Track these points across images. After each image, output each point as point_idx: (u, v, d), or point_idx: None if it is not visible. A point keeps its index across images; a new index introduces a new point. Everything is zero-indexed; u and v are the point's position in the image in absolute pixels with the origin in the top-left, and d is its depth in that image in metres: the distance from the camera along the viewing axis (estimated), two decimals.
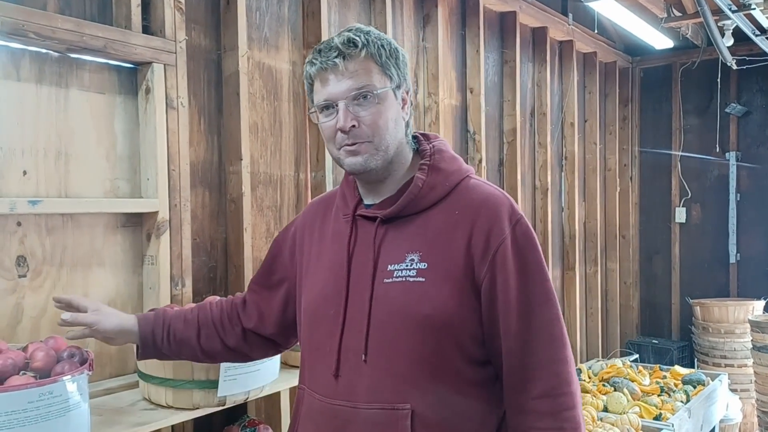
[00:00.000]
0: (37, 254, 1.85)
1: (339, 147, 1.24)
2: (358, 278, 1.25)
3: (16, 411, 1.33)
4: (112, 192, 2.03)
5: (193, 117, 2.27)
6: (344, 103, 1.21)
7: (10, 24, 1.70)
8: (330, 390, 1.25)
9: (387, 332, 1.20)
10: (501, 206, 1.23)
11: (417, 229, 1.24)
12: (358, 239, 1.28)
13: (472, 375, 1.22)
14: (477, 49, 3.67)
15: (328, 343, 1.26)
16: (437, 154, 1.30)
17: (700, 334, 4.98)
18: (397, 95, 1.26)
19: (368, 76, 1.22)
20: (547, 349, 1.20)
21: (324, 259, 1.33)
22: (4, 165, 1.78)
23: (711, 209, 5.41)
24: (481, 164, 3.68)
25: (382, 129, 1.22)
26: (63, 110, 1.91)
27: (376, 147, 1.23)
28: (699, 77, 5.35)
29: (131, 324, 1.43)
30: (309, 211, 1.45)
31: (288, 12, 2.65)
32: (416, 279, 1.20)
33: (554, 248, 4.49)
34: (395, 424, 1.18)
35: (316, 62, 1.23)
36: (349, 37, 1.22)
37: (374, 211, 1.27)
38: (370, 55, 1.22)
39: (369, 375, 1.20)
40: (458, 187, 1.27)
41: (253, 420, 2.19)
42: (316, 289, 1.32)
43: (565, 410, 1.19)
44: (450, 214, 1.24)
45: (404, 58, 1.29)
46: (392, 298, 1.21)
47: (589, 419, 3.00)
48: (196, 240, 2.26)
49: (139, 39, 2.01)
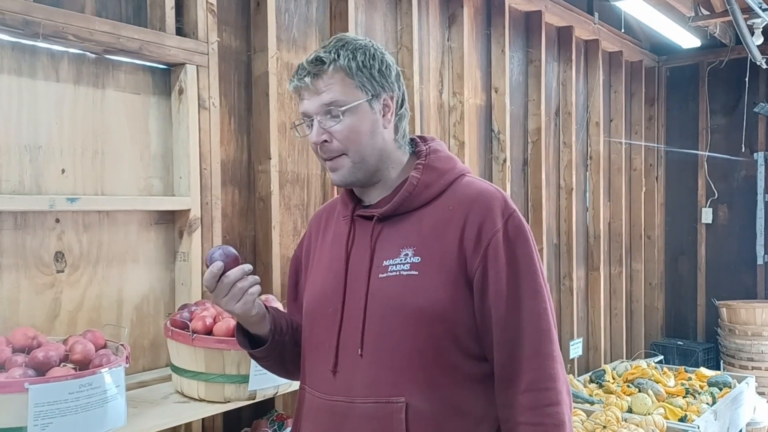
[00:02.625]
0: (75, 250, 1.91)
1: (323, 160, 1.29)
2: (355, 275, 1.27)
3: (57, 401, 1.38)
4: (146, 190, 2.08)
5: (224, 117, 2.31)
6: (318, 119, 1.24)
7: (50, 26, 1.75)
8: (328, 387, 1.26)
9: (382, 326, 1.22)
10: (494, 200, 1.25)
11: (412, 225, 1.26)
12: (356, 238, 1.30)
13: (469, 370, 1.22)
14: (502, 49, 3.68)
15: (326, 341, 1.28)
16: (432, 154, 1.32)
17: (726, 336, 4.92)
18: (374, 105, 1.26)
19: (336, 92, 1.23)
20: (533, 342, 1.20)
21: (324, 261, 1.36)
22: (43, 163, 1.84)
23: (738, 210, 5.34)
24: (506, 164, 3.68)
25: (355, 142, 1.24)
26: (99, 110, 1.97)
27: (352, 160, 1.25)
28: (726, 76, 5.29)
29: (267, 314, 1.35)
30: (314, 220, 1.48)
31: (316, 13, 2.68)
32: (410, 272, 1.21)
33: (578, 248, 4.47)
34: (390, 417, 1.19)
35: (293, 80, 1.28)
36: (317, 55, 1.24)
37: (371, 210, 1.30)
38: (339, 69, 1.23)
39: (365, 369, 1.22)
40: (453, 185, 1.29)
41: (281, 414, 2.22)
42: (315, 289, 1.35)
43: (548, 405, 1.18)
44: (444, 210, 1.25)
45: (384, 65, 1.27)
46: (387, 292, 1.22)
47: (614, 420, 2.99)
48: (226, 237, 2.30)
49: (173, 41, 2.06)
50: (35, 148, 1.82)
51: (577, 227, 4.39)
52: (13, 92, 1.78)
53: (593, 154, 4.66)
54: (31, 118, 1.82)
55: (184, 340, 1.79)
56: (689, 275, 5.52)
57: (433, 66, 3.31)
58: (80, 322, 1.90)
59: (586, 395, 3.45)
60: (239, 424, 2.27)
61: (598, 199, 4.66)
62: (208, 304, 1.97)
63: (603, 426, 2.94)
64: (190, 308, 1.92)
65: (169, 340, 1.87)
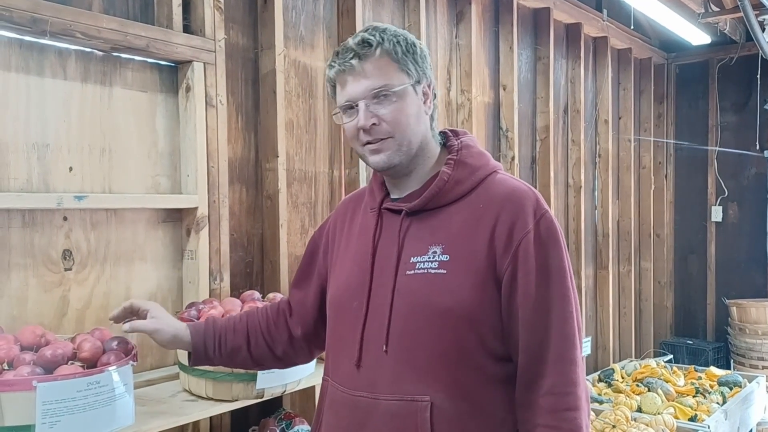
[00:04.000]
0: (82, 248, 1.91)
1: (362, 144, 1.26)
2: (382, 270, 1.26)
3: (65, 399, 1.37)
4: (154, 188, 2.08)
5: (231, 115, 2.30)
6: (364, 102, 1.23)
7: (58, 24, 1.75)
8: (352, 381, 1.26)
9: (408, 324, 1.21)
10: (526, 200, 1.23)
11: (441, 222, 1.24)
12: (383, 232, 1.29)
13: (494, 370, 1.21)
14: (510, 46, 3.66)
15: (351, 335, 1.27)
16: (464, 150, 1.30)
17: (737, 335, 4.88)
18: (417, 90, 1.27)
19: (385, 74, 1.23)
20: (558, 347, 1.19)
21: (350, 252, 1.35)
22: (51, 161, 1.84)
23: (749, 208, 5.30)
24: (514, 161, 3.66)
25: (403, 125, 1.23)
26: (107, 108, 1.96)
27: (399, 143, 1.24)
28: (737, 73, 5.24)
29: (184, 334, 1.45)
30: (341, 208, 1.47)
31: (323, 11, 2.67)
32: (438, 271, 1.20)
33: (587, 247, 4.44)
34: (414, 415, 1.18)
35: (334, 65, 1.25)
36: (363, 37, 1.23)
37: (399, 204, 1.29)
38: (386, 52, 1.23)
39: (390, 366, 1.21)
40: (484, 182, 1.27)
41: (289, 413, 2.22)
42: (341, 281, 1.34)
43: (566, 410, 1.17)
44: (475, 207, 1.24)
45: (423, 53, 1.29)
46: (414, 290, 1.21)
47: (623, 419, 2.97)
48: (233, 236, 2.29)
49: (180, 38, 2.05)
50: (43, 146, 1.82)
51: (585, 225, 4.37)
52: (20, 90, 1.78)
53: (602, 152, 4.64)
54: (38, 116, 1.82)
55: None
56: (699, 274, 5.49)
57: (441, 63, 3.30)
58: (88, 320, 1.90)
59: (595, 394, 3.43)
60: (247, 423, 2.26)
61: (606, 197, 4.63)
62: (216, 302, 1.97)
63: (612, 425, 2.92)
64: (197, 306, 1.92)
65: None
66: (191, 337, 1.45)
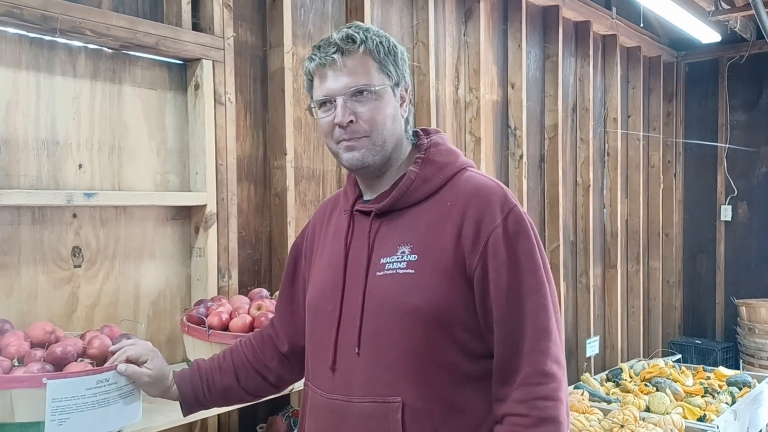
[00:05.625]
0: (92, 245, 1.91)
1: (337, 142, 1.25)
2: (354, 272, 1.25)
3: (75, 397, 1.37)
4: (163, 185, 2.08)
5: (240, 112, 2.30)
6: (342, 99, 1.21)
7: (68, 22, 1.75)
8: (328, 384, 1.25)
9: (378, 325, 1.20)
10: (493, 195, 1.21)
11: (410, 221, 1.24)
12: (354, 234, 1.28)
13: (468, 369, 1.20)
14: (519, 44, 3.64)
15: (326, 338, 1.26)
16: (433, 147, 1.29)
17: (746, 335, 4.85)
18: (396, 92, 1.26)
19: (366, 73, 1.22)
20: (532, 338, 1.17)
21: (325, 256, 1.34)
22: (61, 158, 1.84)
23: (758, 207, 5.26)
24: (522, 160, 3.65)
25: (380, 125, 1.22)
26: (116, 106, 1.97)
27: (374, 142, 1.23)
28: (747, 72, 5.20)
29: (173, 388, 1.42)
30: (319, 211, 1.46)
31: (331, 8, 2.66)
32: (406, 271, 1.19)
33: (595, 246, 4.42)
34: (386, 416, 1.17)
35: (315, 58, 1.24)
36: (347, 33, 1.22)
37: (369, 206, 1.28)
38: (369, 51, 1.22)
39: (362, 368, 1.21)
40: (453, 179, 1.26)
41: (297, 411, 2.22)
42: (317, 285, 1.34)
43: (537, 399, 1.14)
44: (442, 205, 1.23)
45: (403, 56, 1.28)
46: (383, 290, 1.21)
47: (632, 419, 2.96)
48: (241, 233, 2.30)
49: (189, 36, 2.06)
50: (53, 143, 1.83)
51: (594, 224, 4.35)
52: (31, 87, 1.79)
53: (611, 151, 4.61)
54: (48, 113, 1.82)
55: (200, 336, 1.79)
56: (708, 273, 5.46)
57: (450, 61, 3.29)
58: (97, 317, 1.91)
59: (602, 394, 3.42)
60: (255, 421, 2.26)
61: (615, 196, 4.61)
62: (224, 299, 1.97)
63: (621, 425, 2.90)
64: (206, 304, 1.92)
65: (186, 336, 1.88)
66: (178, 387, 1.42)
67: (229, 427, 2.18)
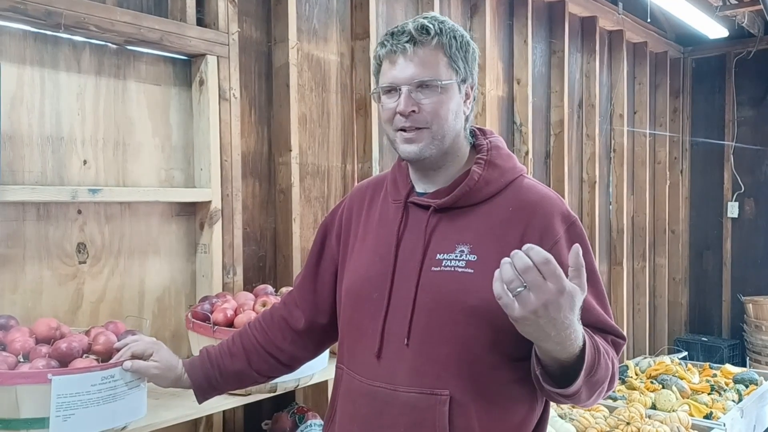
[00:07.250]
0: (97, 241, 1.91)
1: (396, 129, 1.25)
2: (405, 264, 1.25)
3: (80, 393, 1.37)
4: (167, 182, 2.08)
5: (244, 108, 2.30)
6: (407, 88, 1.21)
7: (72, 17, 1.75)
8: (371, 371, 1.25)
9: (431, 319, 1.21)
10: (555, 207, 1.25)
11: (469, 221, 1.24)
12: (407, 226, 1.28)
13: (512, 370, 1.22)
14: (524, 40, 3.62)
15: (370, 325, 1.26)
16: (494, 150, 1.30)
17: (753, 333, 4.83)
18: (461, 89, 1.26)
19: (435, 66, 1.22)
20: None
21: (369, 242, 1.33)
22: (65, 154, 1.84)
23: (765, 204, 5.23)
24: (528, 156, 3.63)
25: (442, 119, 1.23)
26: (121, 101, 1.96)
27: (433, 135, 1.23)
28: (755, 67, 5.17)
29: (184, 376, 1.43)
30: (356, 194, 1.44)
31: (336, 4, 2.65)
32: (465, 270, 1.20)
33: (601, 242, 4.41)
34: (433, 408, 1.18)
35: (387, 44, 1.24)
36: (422, 23, 1.22)
37: (428, 200, 1.28)
38: (441, 44, 1.22)
39: (410, 359, 1.21)
40: (512, 184, 1.28)
41: (302, 407, 2.22)
42: (360, 271, 1.33)
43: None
44: (503, 210, 1.24)
45: (474, 53, 1.29)
46: (439, 286, 1.21)
47: (638, 416, 2.95)
48: (246, 230, 2.29)
49: (194, 31, 2.05)
50: (57, 139, 1.82)
51: (599, 221, 4.33)
52: (35, 83, 1.79)
53: (617, 147, 4.59)
54: (53, 109, 1.82)
55: (205, 332, 1.78)
56: (714, 270, 5.43)
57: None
58: (102, 314, 1.91)
59: None
60: (260, 417, 2.26)
61: (621, 193, 4.59)
62: (229, 296, 1.97)
63: (627, 422, 2.89)
64: (211, 300, 1.92)
65: (191, 332, 1.87)
66: (189, 375, 1.42)
67: (234, 424, 2.17)
